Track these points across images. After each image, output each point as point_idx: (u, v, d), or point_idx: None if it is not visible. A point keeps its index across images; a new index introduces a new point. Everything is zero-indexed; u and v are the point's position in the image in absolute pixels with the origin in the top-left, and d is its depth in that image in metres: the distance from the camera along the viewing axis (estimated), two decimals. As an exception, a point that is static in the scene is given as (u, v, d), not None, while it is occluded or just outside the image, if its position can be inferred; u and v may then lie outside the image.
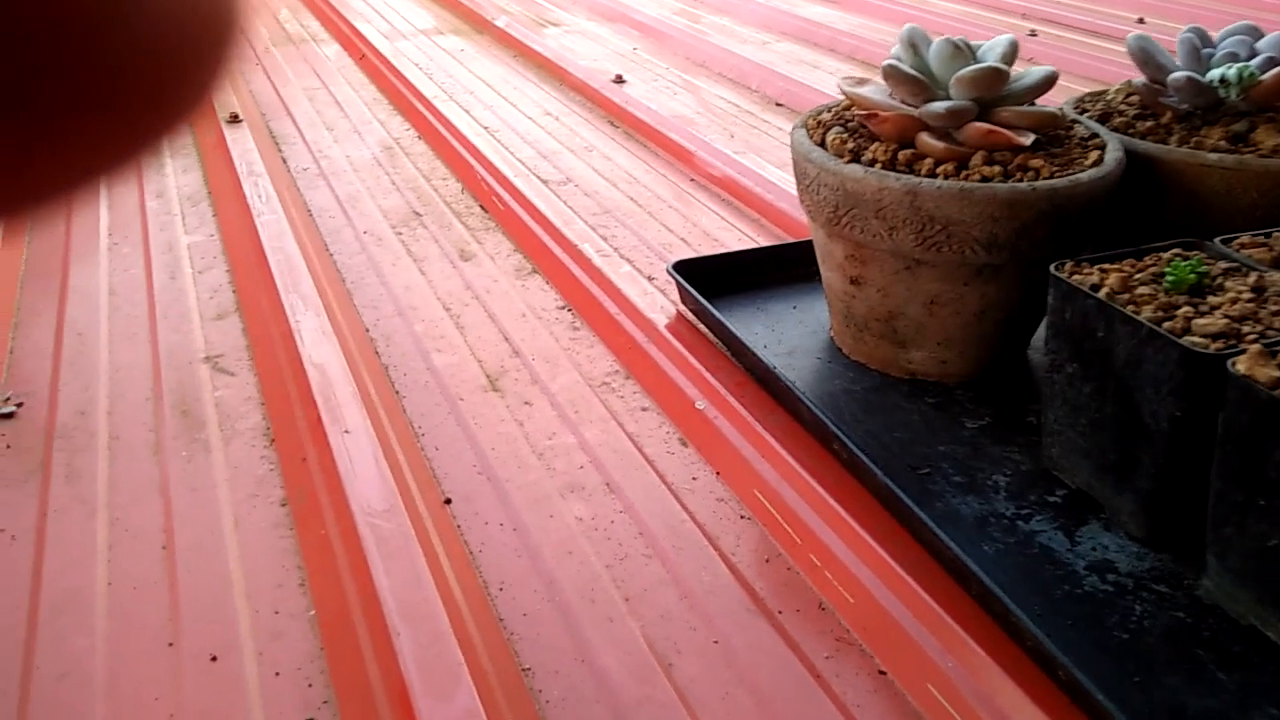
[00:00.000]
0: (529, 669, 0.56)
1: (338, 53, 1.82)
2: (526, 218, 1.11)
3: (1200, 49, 0.80)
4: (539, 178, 1.24)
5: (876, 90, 0.75)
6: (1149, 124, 0.79)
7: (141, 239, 1.07)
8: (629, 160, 1.32)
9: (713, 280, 0.87)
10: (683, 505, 0.69)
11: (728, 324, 0.80)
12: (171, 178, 1.24)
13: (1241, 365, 0.50)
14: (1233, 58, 0.79)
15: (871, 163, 0.70)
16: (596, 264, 0.98)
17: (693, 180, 1.26)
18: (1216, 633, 0.50)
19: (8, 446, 0.73)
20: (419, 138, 1.41)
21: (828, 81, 1.63)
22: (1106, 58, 1.70)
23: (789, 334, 0.84)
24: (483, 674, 0.54)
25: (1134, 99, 0.83)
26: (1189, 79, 0.77)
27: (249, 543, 0.65)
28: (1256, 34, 0.82)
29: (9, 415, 0.77)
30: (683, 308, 0.90)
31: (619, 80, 1.60)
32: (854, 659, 0.57)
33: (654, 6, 2.16)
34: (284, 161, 1.31)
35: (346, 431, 0.71)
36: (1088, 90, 0.88)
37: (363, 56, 1.75)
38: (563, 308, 0.96)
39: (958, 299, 0.71)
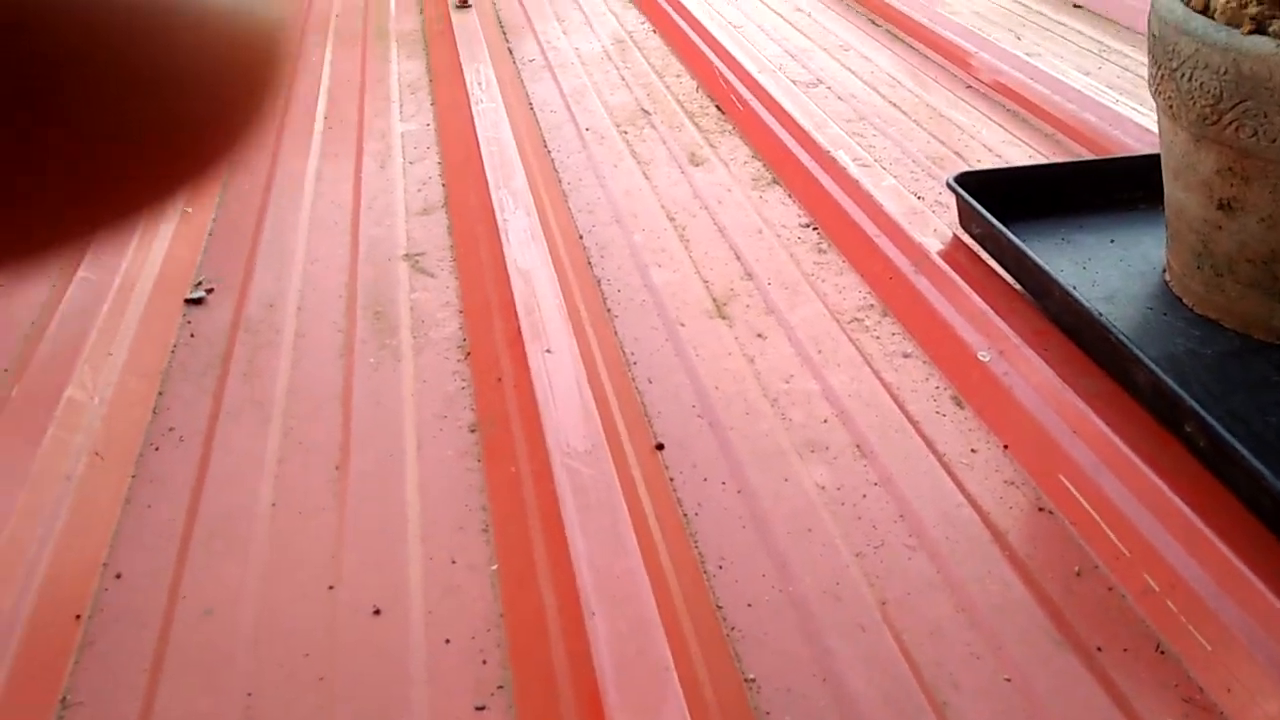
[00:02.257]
0: (753, 680, 0.43)
1: (573, -56, 1.70)
2: (771, 120, 0.96)
3: None
4: (787, 78, 1.07)
5: (1289, -59, 0.54)
6: None
7: (356, 124, 1.00)
8: (892, 62, 1.13)
9: (1005, 199, 0.69)
10: (958, 484, 0.53)
11: (1028, 252, 0.62)
12: (394, 64, 1.17)
13: None
14: None
15: (1286, 36, 0.50)
16: (852, 174, 0.82)
17: (970, 87, 1.05)
18: None
19: (192, 335, 0.67)
20: (654, 31, 1.27)
21: (1140, -22, 1.35)
22: None
23: (1106, 274, 0.65)
24: (695, 683, 0.41)
25: None
26: None
27: (431, 472, 0.55)
28: None
29: (198, 301, 0.71)
30: (961, 231, 0.72)
31: (884, -29, 1.39)
32: (1213, 735, 0.40)
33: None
34: (509, 51, 1.21)
35: (548, 351, 0.60)
36: None
37: (599, -54, 1.62)
38: (807, 225, 0.81)
39: (1389, 239, 0.51)
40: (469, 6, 1.26)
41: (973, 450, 0.56)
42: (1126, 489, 0.49)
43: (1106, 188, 0.73)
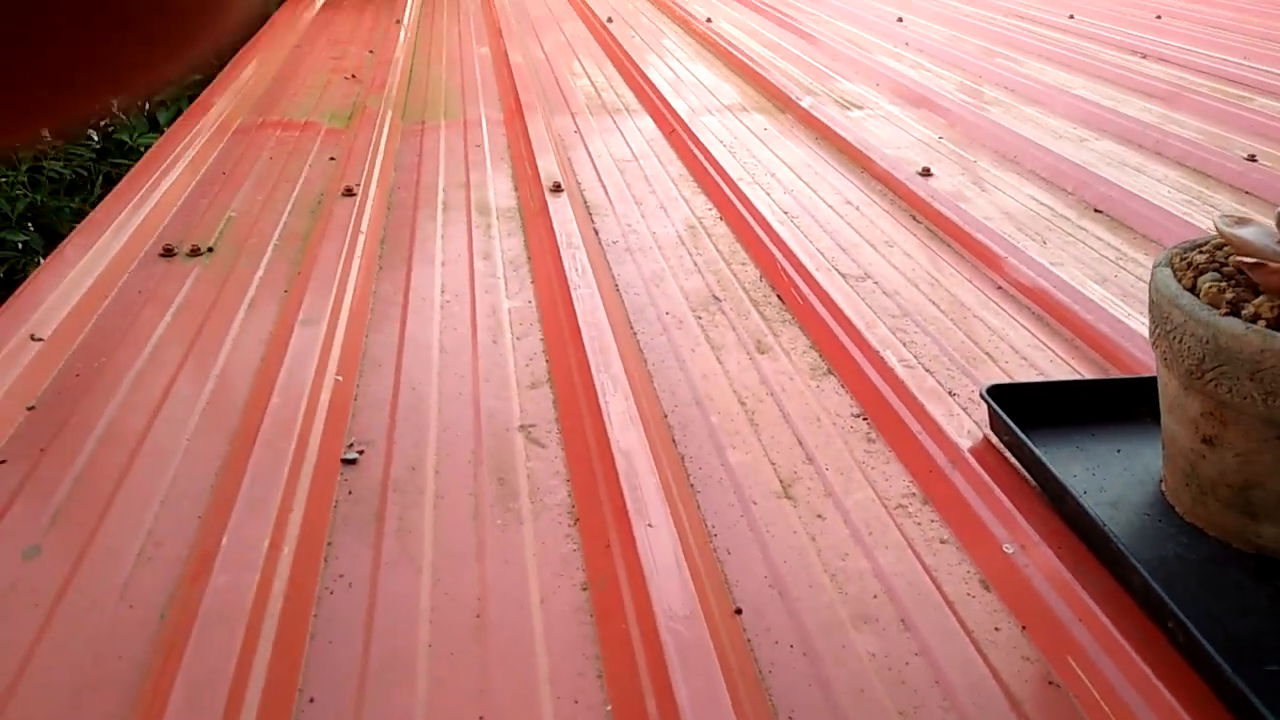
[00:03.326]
0: (819, 816, 0.55)
1: (649, 125, 1.91)
2: (825, 314, 1.11)
3: None
4: (838, 271, 1.23)
5: (1262, 234, 0.69)
6: None
7: (469, 299, 1.17)
8: (930, 259, 1.29)
9: (1028, 409, 0.83)
10: (984, 658, 0.65)
11: (1047, 463, 0.76)
12: (497, 240, 1.35)
13: None
14: None
15: (1254, 318, 0.64)
16: (898, 374, 0.96)
17: (999, 288, 1.21)
18: None
19: (349, 493, 0.82)
20: (720, 218, 1.45)
21: (1155, 189, 1.52)
22: None
23: (1112, 481, 0.78)
24: (776, 815, 0.53)
25: None
26: None
27: (553, 624, 0.68)
28: None
29: (353, 461, 0.86)
30: (992, 434, 0.86)
31: (926, 173, 1.57)
32: None
33: (960, 94, 2.11)
34: (595, 233, 1.38)
35: (650, 525, 0.74)
36: None
37: (672, 131, 1.83)
38: (858, 416, 0.95)
39: (1333, 480, 0.63)
40: (562, 191, 1.45)
41: (996, 629, 0.68)
42: (1120, 672, 0.61)
43: (1116, 402, 0.86)
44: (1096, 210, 1.46)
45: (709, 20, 2.93)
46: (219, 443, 0.88)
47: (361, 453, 0.87)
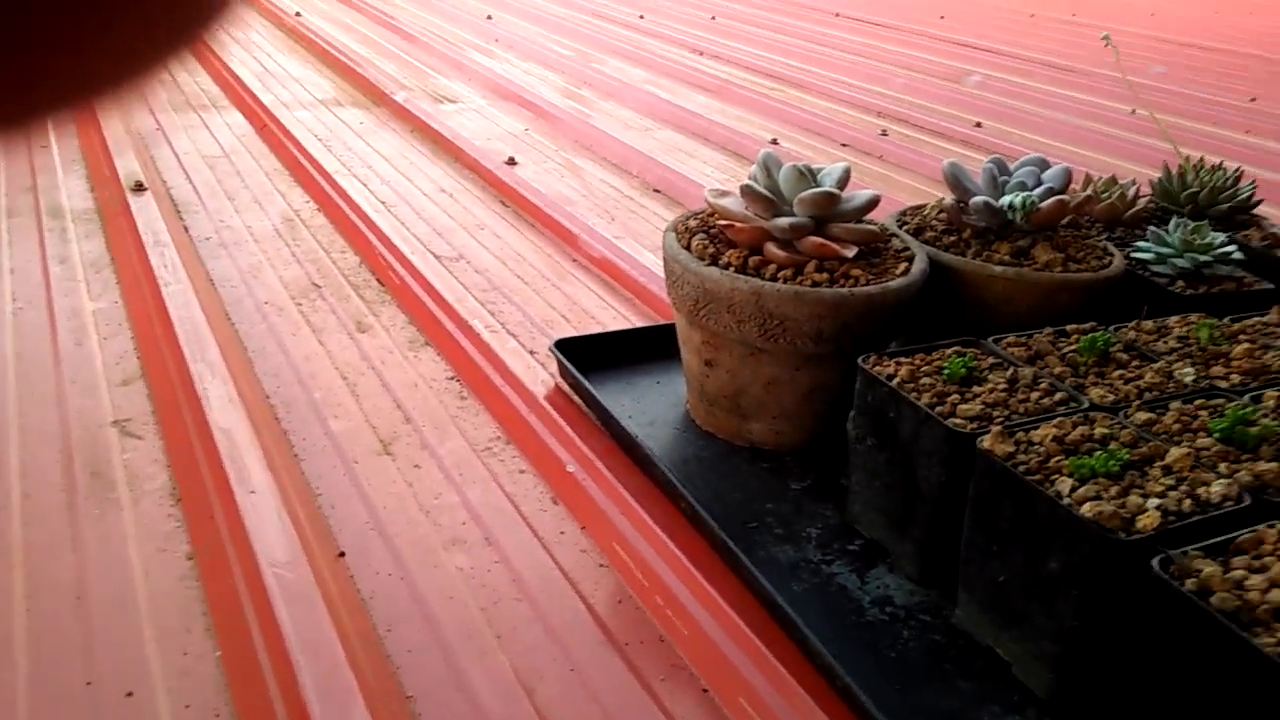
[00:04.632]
0: (412, 696, 0.65)
1: (239, 120, 1.89)
2: (420, 292, 1.21)
3: (998, 177, 0.97)
4: (433, 253, 1.34)
5: (735, 202, 0.89)
6: (952, 238, 0.95)
7: (46, 304, 1.13)
8: (518, 239, 1.44)
9: (588, 357, 0.99)
10: (551, 556, 0.79)
11: (599, 397, 0.91)
12: (75, 243, 1.29)
13: (986, 442, 0.64)
14: (1021, 186, 0.95)
15: (726, 266, 0.83)
16: (485, 339, 1.09)
17: (575, 260, 1.38)
18: (962, 651, 0.64)
19: (-77, 504, 0.79)
20: (318, 210, 1.49)
21: (701, 170, 1.79)
22: (947, 157, 1.91)
23: (652, 406, 0.96)
24: (373, 699, 0.62)
25: (943, 216, 0.98)
26: (985, 203, 0.93)
27: (157, 593, 0.72)
28: (1044, 165, 0.99)
29: (-77, 474, 0.82)
30: (561, 381, 1.01)
31: (511, 162, 1.72)
32: (684, 681, 0.68)
33: (545, 89, 2.30)
34: (186, 230, 1.37)
35: (252, 491, 0.80)
36: (926, 187, 1.04)
37: (264, 126, 1.83)
38: (451, 378, 1.06)
39: (791, 381, 0.85)
40: (145, 190, 1.42)
41: (562, 532, 0.82)
42: (649, 546, 0.77)
43: (657, 346, 1.05)
44: (655, 190, 1.69)
45: (298, 14, 2.90)
46: None
47: (-69, 465, 0.83)
